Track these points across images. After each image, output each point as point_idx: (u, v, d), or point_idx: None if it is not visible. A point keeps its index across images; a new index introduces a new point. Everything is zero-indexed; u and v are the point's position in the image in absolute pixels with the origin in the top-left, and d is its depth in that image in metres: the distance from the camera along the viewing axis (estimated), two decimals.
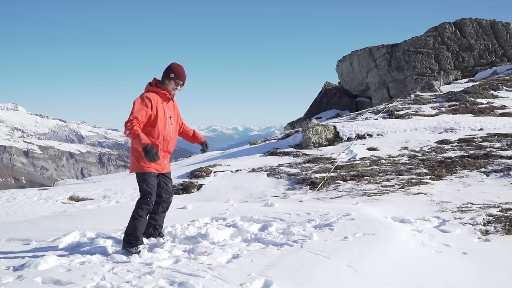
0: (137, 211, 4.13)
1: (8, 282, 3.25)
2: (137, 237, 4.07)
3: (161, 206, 4.42)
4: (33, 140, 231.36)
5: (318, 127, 13.46)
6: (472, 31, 33.07)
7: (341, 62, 37.57)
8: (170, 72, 4.24)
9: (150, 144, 3.91)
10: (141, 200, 4.17)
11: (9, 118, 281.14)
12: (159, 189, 4.33)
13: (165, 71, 4.27)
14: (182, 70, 4.29)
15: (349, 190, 8.06)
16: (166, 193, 4.41)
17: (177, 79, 4.25)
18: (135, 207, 4.17)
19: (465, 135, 12.02)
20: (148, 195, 4.14)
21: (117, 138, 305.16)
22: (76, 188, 10.87)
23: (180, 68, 4.28)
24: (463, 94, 18.03)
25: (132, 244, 4.03)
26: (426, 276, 3.60)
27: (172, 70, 4.25)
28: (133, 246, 4.01)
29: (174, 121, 4.37)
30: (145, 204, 4.14)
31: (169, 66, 4.28)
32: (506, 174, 8.15)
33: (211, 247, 4.09)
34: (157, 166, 4.22)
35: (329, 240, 4.23)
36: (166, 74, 4.25)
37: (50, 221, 5.91)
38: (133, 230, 4.07)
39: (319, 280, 3.20)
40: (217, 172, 10.78)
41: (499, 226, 5.07)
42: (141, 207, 4.13)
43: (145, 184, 4.15)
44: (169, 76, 4.23)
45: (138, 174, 4.21)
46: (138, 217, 4.11)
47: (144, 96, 4.13)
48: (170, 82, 4.25)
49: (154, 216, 4.41)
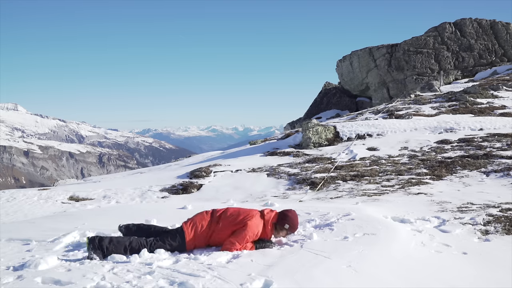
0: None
1: (8, 282, 3.25)
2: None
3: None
4: (33, 140, 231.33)
5: (318, 127, 13.45)
6: (472, 31, 33.06)
7: (341, 62, 37.57)
8: (286, 222, 4.23)
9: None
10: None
11: (9, 118, 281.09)
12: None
13: (282, 218, 4.25)
14: (297, 222, 4.32)
15: (349, 190, 8.05)
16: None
17: (290, 231, 4.29)
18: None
19: (465, 135, 12.02)
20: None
21: (117, 138, 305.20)
22: (76, 188, 10.87)
23: (296, 221, 4.30)
24: (463, 94, 18.02)
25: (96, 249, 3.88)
26: (426, 276, 3.60)
27: (288, 220, 4.24)
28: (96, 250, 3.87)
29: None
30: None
31: (287, 216, 4.28)
32: (506, 174, 8.15)
33: (211, 247, 4.10)
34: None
35: (329, 240, 4.23)
36: (281, 223, 4.24)
37: (50, 221, 5.91)
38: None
39: (319, 280, 3.20)
40: (217, 172, 10.78)
41: (499, 226, 5.06)
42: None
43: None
44: (284, 225, 4.23)
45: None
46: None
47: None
48: (282, 232, 4.28)
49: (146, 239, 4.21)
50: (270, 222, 4.20)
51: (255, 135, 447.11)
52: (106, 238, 3.96)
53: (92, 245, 3.86)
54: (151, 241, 4.02)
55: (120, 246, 3.93)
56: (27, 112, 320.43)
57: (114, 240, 3.96)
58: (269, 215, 4.23)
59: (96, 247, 3.85)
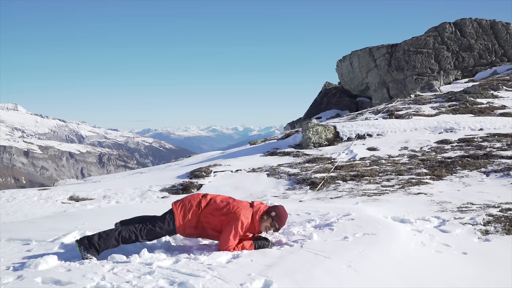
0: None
1: (8, 282, 3.25)
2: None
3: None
4: (33, 140, 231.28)
5: (318, 127, 13.45)
6: (472, 31, 33.07)
7: (341, 62, 37.57)
8: (273, 210, 4.19)
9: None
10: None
11: (9, 118, 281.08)
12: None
13: (270, 209, 4.22)
14: (285, 216, 4.24)
15: (349, 190, 8.05)
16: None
17: (277, 221, 4.16)
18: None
19: (465, 135, 12.02)
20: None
21: (117, 138, 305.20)
22: (76, 188, 10.87)
23: (284, 214, 4.23)
24: (463, 94, 18.03)
25: (89, 250, 3.86)
26: (426, 276, 3.60)
27: (279, 211, 4.19)
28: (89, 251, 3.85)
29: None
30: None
31: (276, 206, 4.27)
32: (506, 174, 8.15)
33: (211, 247, 4.10)
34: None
35: (329, 240, 4.23)
36: (268, 212, 4.18)
37: (50, 221, 5.91)
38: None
39: (319, 280, 3.20)
40: (217, 172, 10.78)
41: (499, 226, 5.06)
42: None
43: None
44: (270, 213, 4.16)
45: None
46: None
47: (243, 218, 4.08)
48: (267, 220, 4.17)
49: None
50: (259, 214, 4.15)
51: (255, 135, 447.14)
52: (94, 235, 3.95)
53: (83, 246, 3.85)
54: (140, 227, 3.99)
55: (110, 238, 3.91)
56: (27, 112, 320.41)
57: (103, 235, 3.93)
58: (258, 207, 4.20)
59: (87, 247, 3.84)
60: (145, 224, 4.02)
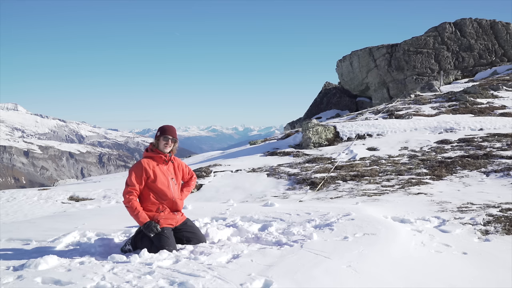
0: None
1: (8, 282, 3.25)
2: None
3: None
4: (33, 140, 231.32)
5: (318, 127, 13.46)
6: (472, 31, 33.07)
7: (341, 62, 37.57)
8: (158, 131, 4.40)
9: (148, 221, 4.05)
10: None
11: (9, 118, 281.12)
12: (186, 241, 4.31)
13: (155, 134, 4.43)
14: (169, 126, 4.41)
15: (349, 190, 8.05)
16: (194, 241, 4.33)
17: (164, 134, 4.34)
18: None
19: (465, 135, 12.02)
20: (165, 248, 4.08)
21: (117, 138, 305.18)
22: (76, 188, 10.87)
23: (166, 126, 4.42)
24: (463, 94, 18.03)
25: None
26: (426, 276, 3.60)
27: (159, 129, 4.41)
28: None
29: (177, 181, 4.44)
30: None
31: (158, 128, 4.46)
32: (506, 174, 8.15)
33: (211, 247, 4.10)
34: (169, 224, 4.23)
35: (329, 240, 4.23)
36: (155, 136, 4.40)
37: (50, 221, 5.91)
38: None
39: (319, 280, 3.20)
40: (217, 172, 10.78)
41: (499, 226, 5.07)
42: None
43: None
44: (157, 135, 4.39)
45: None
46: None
47: (139, 163, 4.24)
48: (160, 141, 4.34)
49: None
50: (150, 145, 4.36)
51: (255, 135, 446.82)
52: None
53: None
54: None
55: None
56: (27, 112, 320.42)
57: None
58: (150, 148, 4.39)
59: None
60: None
